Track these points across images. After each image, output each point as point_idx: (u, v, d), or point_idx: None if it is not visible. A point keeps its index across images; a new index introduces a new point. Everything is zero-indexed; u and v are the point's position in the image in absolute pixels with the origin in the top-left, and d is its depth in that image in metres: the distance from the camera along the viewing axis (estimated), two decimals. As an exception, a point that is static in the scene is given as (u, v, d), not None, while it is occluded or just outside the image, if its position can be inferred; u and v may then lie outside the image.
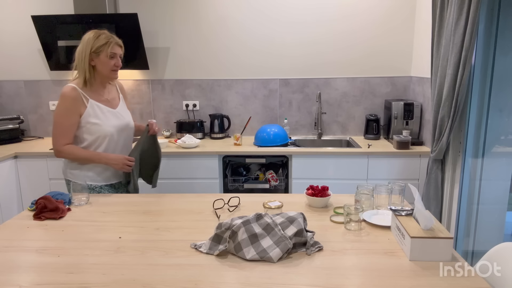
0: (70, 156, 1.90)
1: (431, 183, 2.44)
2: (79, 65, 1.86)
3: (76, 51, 1.87)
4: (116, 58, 1.90)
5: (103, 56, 1.85)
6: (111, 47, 1.86)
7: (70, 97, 1.84)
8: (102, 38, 1.84)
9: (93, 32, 1.86)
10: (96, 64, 1.87)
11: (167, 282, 1.11)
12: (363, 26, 3.11)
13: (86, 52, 1.84)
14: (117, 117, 1.98)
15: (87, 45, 1.84)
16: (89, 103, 1.88)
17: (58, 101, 1.87)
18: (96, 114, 1.90)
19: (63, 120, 1.85)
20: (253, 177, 3.00)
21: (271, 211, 1.45)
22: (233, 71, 3.25)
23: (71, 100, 1.84)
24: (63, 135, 1.86)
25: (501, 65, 2.16)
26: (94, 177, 1.95)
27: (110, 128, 1.93)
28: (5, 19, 3.20)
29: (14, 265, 1.22)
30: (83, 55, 1.84)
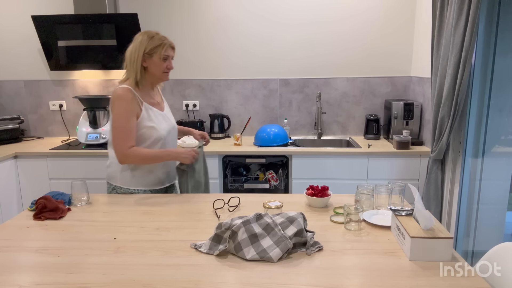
0: (138, 158, 1.80)
1: (431, 183, 2.44)
2: (131, 66, 1.80)
3: (128, 51, 1.82)
4: (168, 60, 1.85)
5: (156, 57, 1.80)
6: (165, 49, 1.81)
7: (128, 98, 1.77)
8: (156, 40, 1.80)
9: (146, 33, 1.82)
10: (148, 65, 1.82)
11: (167, 282, 1.11)
12: (363, 26, 3.11)
13: (139, 52, 1.78)
14: (166, 120, 1.93)
15: (141, 46, 1.79)
16: (144, 106, 1.83)
17: (115, 104, 1.79)
18: (150, 117, 1.84)
19: (125, 123, 1.77)
20: (253, 177, 3.00)
21: (271, 211, 1.45)
22: (233, 71, 3.25)
23: (130, 101, 1.77)
24: (127, 138, 1.77)
25: (501, 65, 2.16)
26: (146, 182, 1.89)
27: (163, 132, 1.87)
28: (5, 19, 3.20)
29: (14, 265, 1.22)
30: (136, 55, 1.79)
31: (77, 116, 3.29)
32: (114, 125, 1.80)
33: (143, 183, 1.89)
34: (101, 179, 2.82)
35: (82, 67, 3.19)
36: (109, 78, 3.29)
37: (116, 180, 1.90)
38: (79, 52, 3.04)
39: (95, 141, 2.97)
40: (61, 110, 3.34)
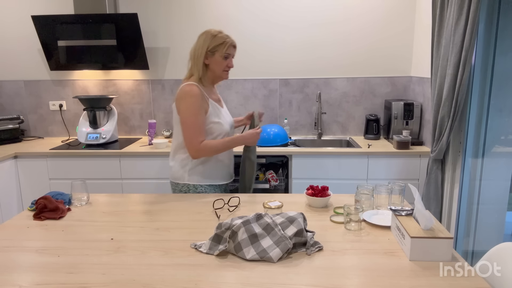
0: (210, 150, 1.87)
1: (431, 183, 2.44)
2: (194, 63, 1.87)
3: (192, 49, 1.89)
4: (229, 59, 1.91)
5: (218, 55, 1.85)
6: (227, 48, 1.86)
7: (197, 95, 1.81)
8: (219, 38, 1.85)
9: (209, 31, 1.87)
10: (209, 63, 1.87)
11: (167, 282, 1.11)
12: (363, 26, 3.11)
13: (202, 50, 1.84)
14: (227, 116, 2.01)
15: (204, 44, 1.84)
16: (210, 102, 1.88)
17: (184, 101, 1.82)
18: (216, 113, 1.90)
19: (195, 119, 1.81)
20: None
21: (271, 211, 1.45)
22: (233, 71, 3.22)
23: (198, 97, 1.82)
24: (199, 133, 1.82)
25: (501, 65, 2.16)
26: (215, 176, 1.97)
27: (227, 127, 1.95)
28: (5, 19, 3.20)
29: (14, 265, 1.22)
30: (199, 53, 1.85)
31: (77, 116, 3.29)
32: (185, 121, 1.83)
33: (208, 178, 1.94)
34: (101, 179, 2.84)
35: (82, 67, 3.19)
36: (109, 78, 3.29)
37: (183, 178, 1.93)
38: (79, 52, 3.04)
39: (95, 141, 2.97)
40: (61, 110, 3.34)
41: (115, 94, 3.29)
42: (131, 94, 3.31)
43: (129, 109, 3.34)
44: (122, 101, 3.32)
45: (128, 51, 3.04)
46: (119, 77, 3.29)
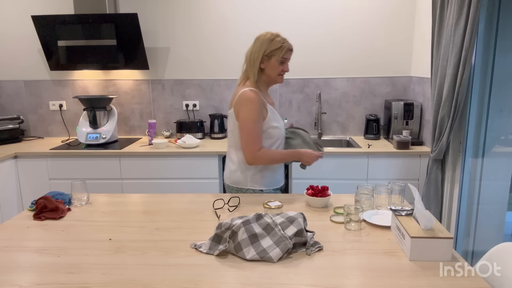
0: (267, 160, 1.85)
1: (431, 183, 2.44)
2: (250, 67, 1.84)
3: (248, 52, 1.85)
4: (285, 63, 1.86)
5: (274, 60, 1.81)
6: (284, 52, 1.81)
7: (257, 101, 1.78)
8: (277, 42, 1.80)
9: (268, 34, 1.82)
10: (265, 67, 1.83)
11: (167, 282, 1.11)
12: (363, 26, 3.11)
13: (259, 53, 1.80)
14: (281, 119, 1.96)
15: (261, 48, 1.80)
16: (268, 107, 1.85)
17: (246, 107, 1.78)
18: (274, 117, 1.87)
19: (255, 126, 1.79)
20: (253, 177, 2.99)
21: (271, 211, 1.45)
22: (233, 71, 3.25)
23: (259, 104, 1.79)
24: (257, 141, 1.80)
25: (501, 65, 2.16)
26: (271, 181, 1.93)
27: (283, 130, 1.93)
28: (5, 19, 3.20)
29: (14, 265, 1.22)
30: (255, 56, 1.81)
31: (77, 116, 3.29)
32: (244, 127, 1.80)
33: (269, 183, 1.91)
34: (101, 179, 2.84)
35: (82, 67, 3.19)
36: (109, 78, 3.29)
37: (246, 183, 1.90)
38: (79, 52, 3.04)
39: (95, 141, 2.97)
40: (61, 110, 3.34)
41: (115, 94, 3.29)
42: (131, 94, 3.31)
43: (129, 109, 3.34)
44: (122, 101, 3.32)
45: (128, 51, 3.04)
46: (119, 77, 3.29)
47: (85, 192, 1.74)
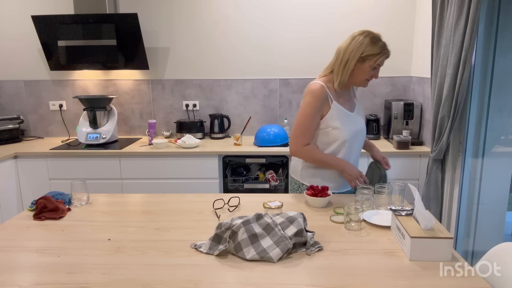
0: (309, 158, 1.78)
1: (431, 183, 2.44)
2: (341, 64, 1.73)
3: (342, 47, 1.73)
4: (377, 70, 1.73)
5: (367, 64, 1.69)
6: (381, 60, 1.68)
7: (319, 95, 1.71)
8: (377, 48, 1.67)
9: (370, 36, 1.68)
10: (355, 68, 1.71)
11: (167, 282, 1.11)
12: (363, 26, 3.07)
13: (355, 54, 1.68)
14: (353, 122, 1.80)
15: (359, 48, 1.67)
16: (333, 105, 1.74)
17: (306, 99, 1.74)
18: (338, 117, 1.75)
19: (308, 119, 1.73)
20: (253, 177, 3.00)
21: (271, 211, 1.45)
22: (233, 71, 3.25)
23: (319, 99, 1.71)
24: (306, 135, 1.74)
25: (501, 65, 2.16)
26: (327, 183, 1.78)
27: (348, 133, 1.76)
28: (5, 19, 3.20)
29: (14, 265, 1.22)
30: (351, 55, 1.69)
31: (77, 116, 3.29)
32: (297, 118, 1.76)
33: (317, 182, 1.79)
34: (101, 179, 2.84)
35: (82, 67, 3.19)
36: (109, 78, 3.29)
37: (297, 175, 1.88)
38: (79, 52, 3.04)
39: (95, 141, 2.97)
40: (61, 110, 3.34)
41: (115, 94, 3.29)
42: (131, 94, 3.31)
43: (129, 109, 3.34)
44: (122, 101, 3.32)
45: (128, 51, 3.04)
46: (119, 77, 3.29)
47: (85, 192, 1.74)
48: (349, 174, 1.75)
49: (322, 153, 1.78)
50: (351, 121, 1.80)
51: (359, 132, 1.83)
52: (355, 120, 1.82)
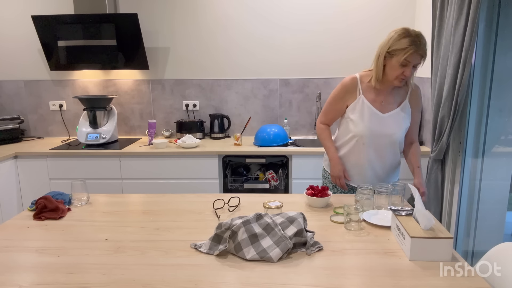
0: (318, 135, 2.00)
1: (431, 183, 2.44)
2: (376, 58, 1.76)
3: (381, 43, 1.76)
4: (407, 67, 1.68)
5: (395, 60, 1.68)
6: (408, 55, 1.65)
7: (346, 85, 1.84)
8: (403, 42, 1.65)
9: (400, 31, 1.68)
10: (386, 64, 1.73)
11: (167, 282, 1.11)
12: (363, 26, 3.11)
13: (384, 48, 1.71)
14: (379, 122, 1.80)
15: (387, 42, 1.69)
16: (359, 97, 1.80)
17: (337, 86, 1.90)
18: (359, 111, 1.79)
19: (330, 103, 1.91)
20: (253, 177, 3.00)
21: (271, 211, 1.45)
22: (233, 71, 3.25)
23: (343, 88, 1.84)
24: (324, 115, 1.95)
25: (501, 65, 2.16)
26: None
27: (364, 130, 1.79)
28: (5, 19, 3.20)
29: (14, 265, 1.22)
30: (381, 50, 1.73)
31: (77, 116, 3.29)
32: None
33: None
34: (101, 179, 2.84)
35: (82, 67, 3.19)
36: (109, 78, 3.29)
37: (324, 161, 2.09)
38: (79, 52, 3.04)
39: (95, 141, 2.97)
40: (61, 110, 3.34)
41: (115, 94, 3.29)
42: (131, 94, 3.31)
43: (129, 109, 3.34)
44: (122, 101, 3.32)
45: (128, 51, 3.04)
46: (119, 77, 3.29)
47: (85, 192, 1.74)
48: (332, 170, 1.93)
49: (327, 138, 1.95)
50: (376, 120, 1.80)
51: (382, 135, 1.82)
52: (382, 122, 1.81)
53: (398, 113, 1.83)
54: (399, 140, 1.86)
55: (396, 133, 1.84)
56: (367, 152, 1.84)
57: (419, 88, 1.89)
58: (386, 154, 1.88)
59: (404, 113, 1.84)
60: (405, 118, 1.83)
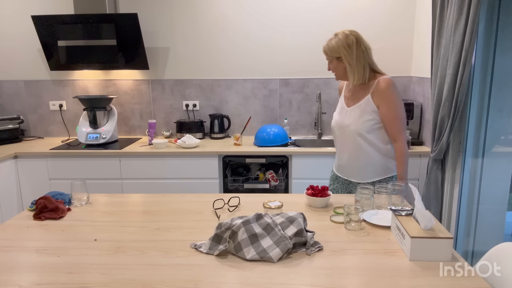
0: None
1: (431, 183, 2.44)
2: None
3: None
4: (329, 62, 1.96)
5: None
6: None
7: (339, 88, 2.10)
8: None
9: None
10: None
11: (167, 282, 1.11)
12: (363, 26, 3.11)
13: None
14: (341, 114, 1.95)
15: None
16: (340, 98, 2.02)
17: None
18: (337, 109, 2.01)
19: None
20: (253, 177, 3.00)
21: (271, 211, 1.45)
22: (233, 71, 3.25)
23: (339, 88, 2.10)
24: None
25: (501, 65, 2.16)
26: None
27: (333, 122, 2.01)
28: (5, 19, 3.20)
29: (14, 265, 1.22)
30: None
31: (77, 116, 3.29)
32: None
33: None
34: (101, 179, 2.84)
35: (82, 67, 3.19)
36: (109, 78, 3.29)
37: None
38: (79, 52, 3.04)
39: (95, 141, 2.97)
40: (61, 110, 3.34)
41: (115, 94, 3.29)
42: (131, 94, 3.31)
43: (129, 109, 3.34)
44: (122, 101, 3.32)
45: (128, 51, 3.05)
46: (119, 77, 3.29)
47: (85, 192, 1.74)
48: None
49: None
50: (341, 113, 1.96)
51: (342, 126, 1.94)
52: (344, 114, 1.93)
53: (358, 107, 1.88)
54: (358, 133, 1.87)
55: (351, 125, 1.89)
56: (336, 143, 2.04)
57: (382, 81, 1.86)
58: (350, 146, 1.93)
59: (364, 107, 1.87)
60: (363, 112, 1.86)
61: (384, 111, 1.84)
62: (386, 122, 1.85)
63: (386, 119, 1.84)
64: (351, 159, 1.94)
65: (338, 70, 1.91)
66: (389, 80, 1.87)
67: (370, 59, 1.91)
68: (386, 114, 1.84)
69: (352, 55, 1.85)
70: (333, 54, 1.91)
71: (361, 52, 1.86)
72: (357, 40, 1.86)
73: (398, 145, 1.85)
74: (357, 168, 1.94)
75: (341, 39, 1.88)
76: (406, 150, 1.86)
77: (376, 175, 1.90)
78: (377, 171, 1.90)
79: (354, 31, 1.89)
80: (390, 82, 1.86)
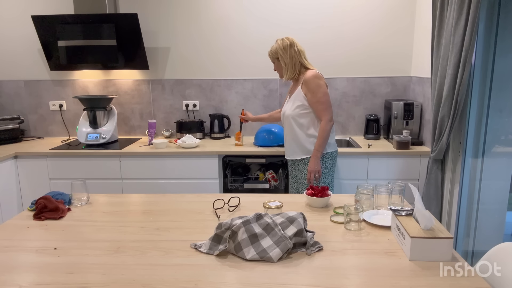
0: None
1: (431, 183, 2.44)
2: None
3: None
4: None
5: None
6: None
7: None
8: None
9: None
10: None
11: (167, 282, 1.11)
12: (363, 26, 3.11)
13: None
14: (284, 105, 2.43)
15: None
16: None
17: None
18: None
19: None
20: (253, 177, 2.99)
21: (271, 211, 1.45)
22: (233, 71, 3.25)
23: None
24: None
25: (501, 65, 2.16)
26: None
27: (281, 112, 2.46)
28: (5, 19, 3.20)
29: (14, 265, 1.22)
30: None
31: (77, 116, 3.29)
32: None
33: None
34: (101, 179, 2.84)
35: (82, 67, 3.19)
36: (109, 78, 3.29)
37: None
38: (79, 52, 3.04)
39: (95, 141, 2.97)
40: (61, 110, 3.34)
41: (115, 94, 3.29)
42: (131, 94, 3.31)
43: (129, 109, 3.34)
44: (122, 101, 3.32)
45: (128, 51, 3.05)
46: (119, 77, 3.29)
47: (85, 192, 1.74)
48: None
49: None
50: (284, 105, 2.44)
51: (283, 115, 2.41)
52: (285, 105, 2.42)
53: (293, 97, 2.35)
54: (291, 117, 2.33)
55: (286, 111, 2.37)
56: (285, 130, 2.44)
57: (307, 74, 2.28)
58: (287, 129, 2.42)
59: (296, 96, 2.32)
60: (295, 100, 2.32)
61: (309, 97, 2.26)
62: (312, 106, 2.26)
63: (311, 103, 2.26)
64: (286, 139, 2.43)
65: (279, 69, 2.40)
66: (313, 73, 2.26)
67: (302, 59, 2.31)
68: (311, 99, 2.26)
69: (287, 55, 2.30)
70: (273, 55, 2.38)
71: (294, 53, 2.29)
72: (291, 44, 2.30)
73: (321, 124, 2.26)
74: (288, 146, 2.43)
75: (279, 43, 2.34)
76: (326, 128, 2.25)
77: (302, 153, 2.34)
78: (303, 150, 2.34)
79: (289, 37, 2.35)
80: (314, 74, 2.26)
